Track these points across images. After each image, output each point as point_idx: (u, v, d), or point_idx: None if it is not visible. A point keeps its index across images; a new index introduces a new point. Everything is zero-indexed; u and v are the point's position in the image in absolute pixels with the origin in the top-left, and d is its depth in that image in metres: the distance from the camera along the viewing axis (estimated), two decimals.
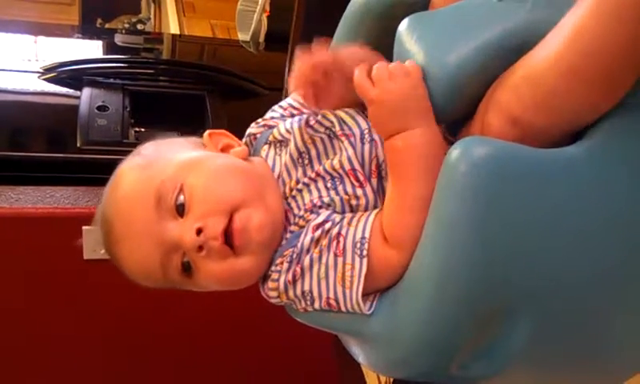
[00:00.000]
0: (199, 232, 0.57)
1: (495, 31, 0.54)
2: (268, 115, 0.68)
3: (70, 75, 1.64)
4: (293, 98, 0.68)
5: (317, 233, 0.58)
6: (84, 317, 1.43)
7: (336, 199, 0.59)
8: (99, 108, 1.51)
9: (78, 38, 2.27)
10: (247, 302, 0.89)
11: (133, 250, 0.60)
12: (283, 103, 0.68)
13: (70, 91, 1.61)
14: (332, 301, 0.58)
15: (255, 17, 2.21)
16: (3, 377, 1.44)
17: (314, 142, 0.62)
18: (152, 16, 3.22)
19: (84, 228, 1.20)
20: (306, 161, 0.61)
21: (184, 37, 2.47)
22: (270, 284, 0.61)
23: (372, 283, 0.56)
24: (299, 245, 0.58)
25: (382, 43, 0.64)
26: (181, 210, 0.59)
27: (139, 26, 3.12)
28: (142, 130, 1.56)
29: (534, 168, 0.50)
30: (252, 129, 0.68)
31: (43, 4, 3.31)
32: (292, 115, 0.66)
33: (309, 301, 0.59)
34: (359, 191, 0.59)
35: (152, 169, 0.61)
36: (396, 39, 0.60)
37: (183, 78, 1.78)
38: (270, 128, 0.66)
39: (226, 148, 0.65)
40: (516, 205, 0.49)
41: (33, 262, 1.34)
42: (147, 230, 0.59)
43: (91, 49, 2.18)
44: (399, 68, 0.56)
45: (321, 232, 0.57)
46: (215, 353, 1.58)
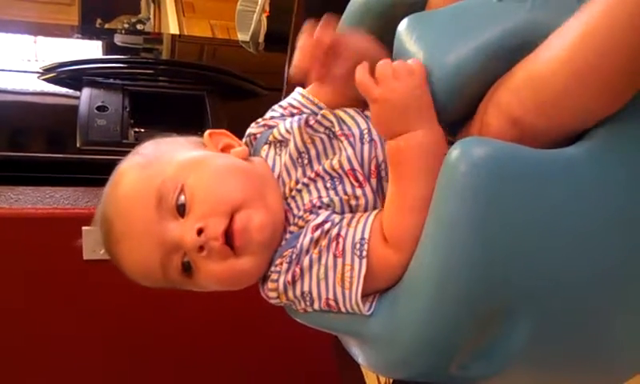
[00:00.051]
0: (200, 232, 0.57)
1: (495, 31, 0.54)
2: (268, 115, 0.68)
3: (70, 75, 1.64)
4: (293, 97, 0.68)
5: (316, 233, 0.58)
6: (84, 317, 1.43)
7: (335, 199, 0.59)
8: (99, 108, 1.51)
9: (78, 38, 2.27)
10: (247, 302, 0.89)
11: (133, 250, 0.60)
12: (283, 103, 0.68)
13: (70, 91, 1.61)
14: (331, 301, 0.58)
15: (255, 17, 2.21)
16: (3, 377, 1.44)
17: (314, 142, 0.62)
18: (151, 16, 3.22)
19: (84, 228, 1.20)
20: (306, 161, 0.61)
21: (183, 37, 2.47)
22: (270, 285, 0.61)
23: (372, 284, 0.56)
24: (298, 245, 0.58)
25: (382, 43, 0.64)
26: (182, 210, 0.59)
27: (139, 26, 3.12)
28: (142, 131, 1.56)
29: (534, 168, 0.50)
30: (252, 129, 0.68)
31: (43, 4, 3.31)
32: (292, 114, 0.66)
33: (308, 301, 0.59)
34: (358, 191, 0.59)
35: (152, 168, 0.61)
36: (396, 39, 0.60)
37: (183, 78, 1.77)
38: (270, 128, 0.66)
39: (227, 148, 0.65)
40: (516, 205, 0.49)
41: (32, 263, 1.34)
42: (148, 230, 0.59)
43: (91, 49, 2.17)
44: (403, 66, 0.55)
45: (320, 233, 0.57)
46: (215, 353, 1.58)
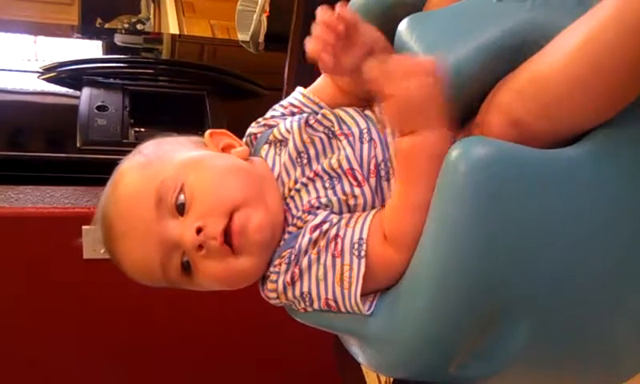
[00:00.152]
0: (199, 231, 0.57)
1: (495, 31, 0.54)
2: (268, 114, 0.68)
3: (70, 75, 1.64)
4: (294, 97, 0.68)
5: (314, 234, 0.58)
6: (84, 316, 1.43)
7: (333, 200, 0.59)
8: (99, 108, 1.51)
9: (78, 38, 2.27)
10: (247, 302, 0.89)
11: (133, 249, 0.60)
12: (284, 102, 0.68)
13: (70, 91, 1.61)
14: (331, 301, 0.58)
15: (255, 17, 2.21)
16: (3, 377, 1.44)
17: (313, 142, 0.62)
18: (152, 16, 3.22)
19: (84, 228, 1.20)
20: (305, 160, 0.61)
21: (183, 37, 2.47)
22: (269, 285, 0.61)
23: (372, 283, 0.56)
24: (297, 246, 0.58)
25: None
26: (181, 210, 0.59)
27: (139, 26, 3.12)
28: (142, 130, 1.56)
29: (534, 168, 0.50)
30: (252, 128, 0.68)
31: (43, 4, 3.30)
32: (292, 114, 0.66)
33: (308, 302, 0.59)
34: (357, 190, 0.59)
35: (153, 168, 0.61)
36: (396, 39, 0.60)
37: (183, 78, 1.77)
38: (271, 127, 0.66)
39: (227, 148, 0.65)
40: (515, 205, 0.49)
41: (33, 262, 1.34)
42: (147, 229, 0.59)
43: (91, 49, 2.17)
44: (416, 64, 0.54)
45: (319, 233, 0.57)
46: (215, 353, 1.58)
